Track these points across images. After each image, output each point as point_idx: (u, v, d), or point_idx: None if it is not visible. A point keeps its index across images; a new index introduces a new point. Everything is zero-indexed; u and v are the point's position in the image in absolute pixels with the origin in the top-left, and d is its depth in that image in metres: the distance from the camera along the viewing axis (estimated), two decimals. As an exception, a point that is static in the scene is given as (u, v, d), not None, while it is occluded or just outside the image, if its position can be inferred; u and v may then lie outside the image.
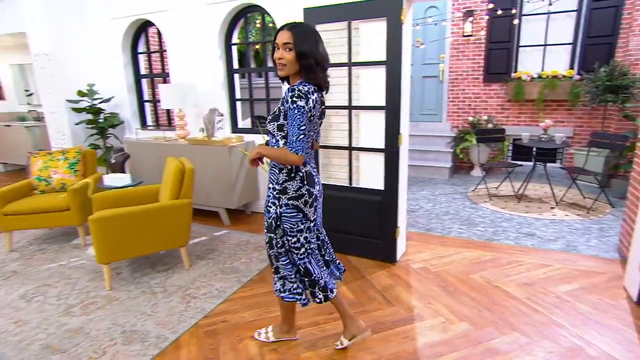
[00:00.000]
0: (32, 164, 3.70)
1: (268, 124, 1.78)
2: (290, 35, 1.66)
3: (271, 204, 1.83)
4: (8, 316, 2.46)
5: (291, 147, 1.67)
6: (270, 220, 1.83)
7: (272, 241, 1.87)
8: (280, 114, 1.72)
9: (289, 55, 1.67)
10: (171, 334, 2.21)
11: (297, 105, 1.65)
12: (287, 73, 1.73)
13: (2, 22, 5.66)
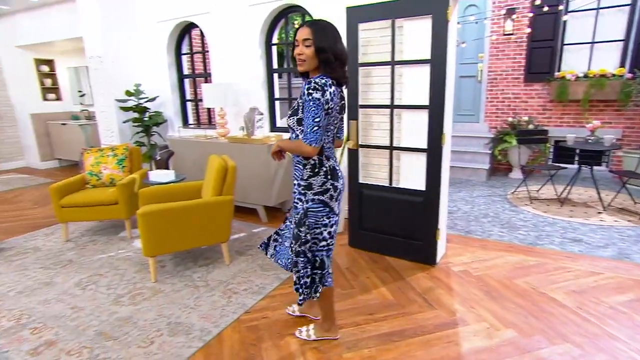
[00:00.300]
0: (85, 160, 3.90)
1: (288, 118, 1.83)
2: (309, 32, 1.70)
3: (298, 200, 1.88)
4: (66, 302, 2.61)
5: (305, 138, 1.71)
6: (299, 216, 1.88)
7: (300, 235, 1.90)
8: (299, 108, 1.76)
9: (309, 51, 1.71)
10: (214, 328, 2.27)
11: (313, 97, 1.68)
12: (306, 68, 1.76)
13: (62, 29, 6.02)
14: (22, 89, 7.32)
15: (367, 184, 3.23)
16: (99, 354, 2.07)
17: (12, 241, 3.79)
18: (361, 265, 3.07)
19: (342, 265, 3.09)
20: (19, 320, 2.42)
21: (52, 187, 3.57)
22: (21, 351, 2.12)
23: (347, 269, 3.01)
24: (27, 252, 3.49)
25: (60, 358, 2.05)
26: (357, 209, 3.29)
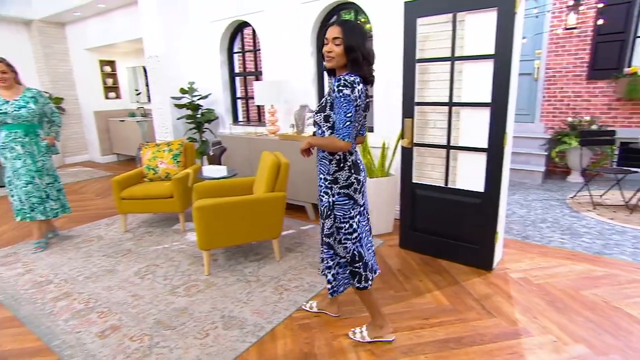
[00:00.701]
0: (143, 155, 4.08)
1: (315, 115, 1.89)
2: (339, 30, 1.75)
3: (323, 194, 1.95)
4: (127, 289, 2.74)
5: (339, 133, 1.77)
6: (323, 208, 1.96)
7: (324, 226, 2.00)
8: (327, 105, 1.82)
9: (338, 49, 1.76)
10: (267, 324, 2.29)
11: (344, 94, 1.74)
12: (334, 65, 1.82)
13: (124, 31, 6.37)
14: (88, 88, 7.83)
15: (421, 183, 3.13)
16: (158, 341, 2.15)
17: (78, 229, 4.05)
18: (413, 268, 2.99)
19: (393, 266, 3.01)
20: (87, 304, 2.57)
21: (114, 180, 3.76)
22: (90, 333, 2.25)
23: (399, 271, 2.93)
24: (92, 240, 3.71)
25: (124, 342, 2.15)
26: (409, 210, 3.20)
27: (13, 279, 2.98)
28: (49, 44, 7.36)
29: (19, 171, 3.33)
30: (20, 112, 3.25)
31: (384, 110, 3.86)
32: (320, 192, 1.96)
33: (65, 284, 2.86)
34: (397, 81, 3.60)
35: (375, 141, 3.86)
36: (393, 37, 3.60)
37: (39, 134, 3.43)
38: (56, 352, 2.10)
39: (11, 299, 2.68)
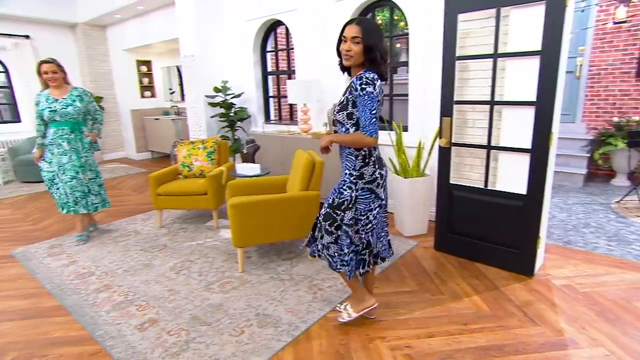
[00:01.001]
0: (178, 152, 4.16)
1: (337, 113, 1.93)
2: (359, 30, 1.79)
3: (347, 188, 1.99)
4: (164, 284, 2.80)
5: (365, 130, 1.82)
6: (342, 201, 1.99)
7: (333, 216, 2.02)
8: (349, 103, 1.86)
9: (357, 48, 1.81)
10: (301, 323, 2.27)
11: (367, 92, 1.79)
12: (352, 64, 1.86)
13: (160, 32, 6.55)
14: (125, 88, 8.10)
15: (459, 184, 3.04)
16: (195, 337, 2.17)
17: (116, 224, 4.18)
18: (449, 271, 2.90)
19: (428, 269, 2.94)
20: (126, 297, 2.64)
21: (151, 176, 3.86)
22: (130, 325, 2.30)
23: (435, 274, 2.85)
24: (129, 235, 3.82)
25: (162, 336, 2.19)
26: (446, 211, 3.12)
27: (59, 270, 3.10)
28: (92, 45, 7.66)
29: (65, 166, 3.46)
30: (68, 110, 3.39)
31: (419, 109, 3.78)
32: (342, 186, 2.01)
33: (105, 277, 2.95)
34: (434, 79, 3.53)
35: (411, 140, 3.78)
36: (430, 35, 3.52)
37: (83, 131, 3.56)
38: (99, 342, 2.16)
39: (58, 289, 2.79)
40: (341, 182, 2.02)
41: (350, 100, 1.86)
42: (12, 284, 2.93)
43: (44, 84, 3.43)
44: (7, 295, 2.76)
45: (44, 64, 3.35)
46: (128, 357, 2.03)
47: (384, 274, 2.88)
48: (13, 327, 2.36)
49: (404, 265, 3.01)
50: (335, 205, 2.02)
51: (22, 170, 6.28)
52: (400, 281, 2.77)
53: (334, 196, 2.03)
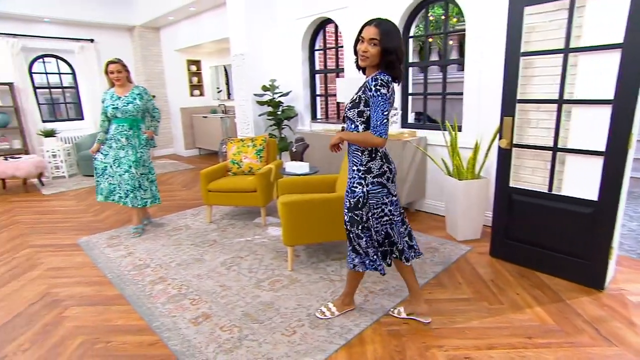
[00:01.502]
0: (228, 149, 4.24)
1: (348, 110, 1.96)
2: (377, 32, 1.81)
3: (357, 185, 2.00)
4: (215, 279, 2.85)
5: (376, 130, 1.85)
6: (356, 199, 2.00)
7: (356, 218, 2.02)
8: (361, 101, 1.90)
9: (374, 50, 1.83)
10: (354, 327, 2.22)
11: (381, 93, 1.83)
12: (368, 64, 1.89)
13: (210, 32, 6.75)
14: (176, 87, 8.43)
15: (519, 188, 2.86)
16: (247, 334, 2.18)
17: (168, 218, 4.33)
18: (507, 279, 2.74)
19: (484, 276, 2.79)
20: (180, 290, 2.71)
21: (202, 173, 3.96)
22: (185, 318, 2.36)
23: (492, 282, 2.71)
24: (180, 229, 3.94)
25: (215, 332, 2.22)
26: (504, 216, 2.95)
27: (118, 260, 3.25)
28: (147, 46, 8.03)
29: (120, 160, 3.63)
30: (128, 107, 3.56)
31: (474, 109, 3.61)
32: (352, 184, 2.02)
33: (160, 269, 3.05)
34: (492, 78, 3.36)
35: (465, 141, 3.63)
36: (489, 30, 3.35)
37: (141, 128, 3.72)
38: (157, 333, 2.23)
39: (117, 279, 2.92)
40: (350, 180, 2.04)
41: (362, 99, 1.89)
42: (79, 271, 3.10)
43: (110, 82, 3.61)
44: (75, 281, 2.93)
45: (111, 64, 3.53)
46: (184, 350, 2.07)
47: (437, 279, 2.77)
48: (81, 312, 2.49)
49: (457, 271, 2.88)
50: (353, 207, 2.02)
51: (84, 164, 6.68)
52: (454, 287, 2.65)
53: (348, 198, 2.04)
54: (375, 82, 1.84)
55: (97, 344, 2.17)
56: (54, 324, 2.37)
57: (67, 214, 4.68)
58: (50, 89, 7.65)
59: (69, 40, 7.40)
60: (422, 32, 7.10)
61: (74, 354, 2.10)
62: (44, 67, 7.51)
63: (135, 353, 2.08)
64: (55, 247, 3.63)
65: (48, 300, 2.66)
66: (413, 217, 4.07)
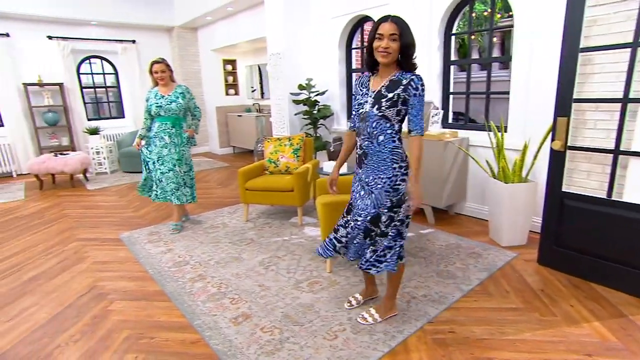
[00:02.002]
0: (265, 148, 4.25)
1: (386, 109, 1.91)
2: (396, 27, 1.82)
3: (400, 182, 1.99)
4: (254, 278, 2.85)
5: (420, 129, 1.94)
6: (400, 197, 1.98)
7: (393, 217, 2.00)
8: (399, 99, 1.89)
9: (395, 45, 1.83)
10: (397, 333, 2.15)
11: (423, 93, 1.91)
12: (390, 61, 1.87)
13: (246, 31, 6.81)
14: (212, 86, 8.58)
15: (572, 193, 2.69)
16: (288, 337, 2.16)
17: (205, 215, 4.40)
18: (559, 289, 2.58)
19: (533, 285, 2.65)
20: (219, 288, 2.73)
21: (240, 171, 3.98)
22: (225, 318, 2.36)
23: (542, 291, 2.56)
24: (217, 227, 3.98)
25: (256, 332, 2.20)
26: (554, 222, 2.79)
27: (158, 256, 3.32)
28: (184, 46, 8.22)
29: (164, 158, 3.72)
30: (171, 105, 3.63)
31: (521, 108, 3.44)
32: (394, 182, 1.98)
33: (199, 267, 3.09)
34: (542, 76, 3.19)
35: (510, 142, 3.47)
36: (541, 25, 3.17)
37: (183, 126, 3.78)
38: (198, 332, 2.24)
39: (158, 275, 2.98)
40: (387, 180, 1.98)
41: (401, 97, 1.88)
42: (122, 265, 3.19)
43: (154, 81, 3.69)
44: (119, 275, 3.01)
45: (155, 64, 3.61)
46: (225, 350, 2.07)
47: (482, 286, 2.65)
48: (125, 306, 2.55)
49: (503, 279, 2.75)
50: (395, 205, 2.00)
51: (125, 161, 6.92)
52: (501, 296, 2.52)
53: (389, 197, 1.99)
54: (422, 82, 1.89)
55: (141, 339, 2.21)
56: (101, 317, 2.44)
57: (109, 209, 4.84)
58: (95, 88, 7.98)
59: (113, 41, 7.68)
60: (464, 29, 6.89)
61: (120, 347, 2.14)
62: (90, 68, 7.83)
63: (178, 350, 2.10)
64: (100, 241, 3.76)
65: (95, 293, 2.74)
66: (453, 221, 3.94)
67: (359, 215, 2.07)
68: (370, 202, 2.02)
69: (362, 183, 2.07)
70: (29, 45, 6.95)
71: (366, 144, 2.01)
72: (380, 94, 1.92)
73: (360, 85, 2.06)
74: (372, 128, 1.96)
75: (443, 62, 4.06)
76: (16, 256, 3.44)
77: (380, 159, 1.98)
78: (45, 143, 7.20)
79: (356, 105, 2.07)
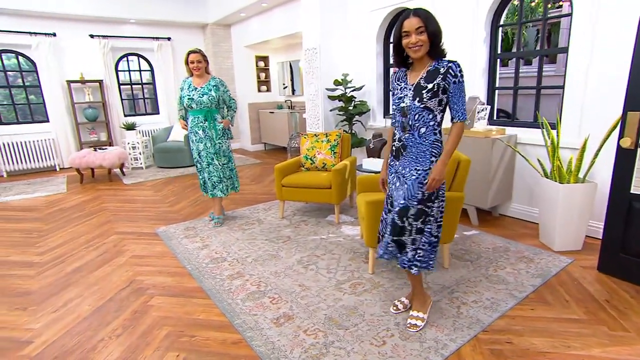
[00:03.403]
0: (302, 144, 4.17)
1: (428, 100, 1.86)
2: (419, 20, 1.79)
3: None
4: (293, 278, 2.77)
5: (465, 116, 1.91)
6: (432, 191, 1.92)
7: (428, 211, 1.96)
8: (440, 89, 1.85)
9: (423, 37, 1.81)
10: (449, 342, 2.01)
11: (463, 80, 1.88)
12: (423, 53, 1.84)
13: (279, 27, 6.76)
14: (244, 82, 8.60)
15: None
16: (333, 341, 2.06)
17: (240, 211, 4.37)
18: (627, 301, 2.36)
19: (596, 294, 2.43)
20: (259, 287, 2.66)
21: (277, 167, 3.92)
22: (266, 318, 2.29)
23: (607, 302, 2.35)
24: (253, 224, 3.94)
25: (299, 335, 2.12)
26: (619, 227, 2.56)
27: (195, 252, 3.30)
28: (217, 42, 8.26)
29: (201, 153, 3.71)
30: (203, 98, 3.60)
31: (577, 104, 3.20)
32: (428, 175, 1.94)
33: (237, 264, 3.04)
34: (605, 67, 2.95)
35: (565, 140, 3.23)
36: (603, 13, 2.93)
37: (216, 119, 3.75)
38: (239, 332, 2.17)
39: (196, 271, 2.95)
40: (423, 172, 1.93)
41: (441, 86, 1.85)
42: (160, 260, 3.18)
43: (189, 72, 3.67)
44: (157, 270, 3.00)
45: (192, 54, 3.58)
46: (268, 352, 1.99)
47: (537, 294, 2.46)
48: (165, 302, 2.53)
49: (560, 286, 2.55)
50: (426, 198, 1.95)
51: (159, 156, 7.02)
52: (561, 305, 2.33)
53: (420, 190, 1.93)
54: (460, 69, 1.86)
55: (182, 336, 2.17)
56: (141, 312, 2.42)
57: (145, 203, 4.90)
58: (132, 85, 8.15)
59: (149, 39, 7.82)
60: (510, 21, 6.57)
61: (161, 344, 2.10)
62: (128, 65, 8.00)
63: (220, 351, 2.04)
64: (137, 234, 3.78)
65: (134, 288, 2.74)
66: (497, 222, 3.73)
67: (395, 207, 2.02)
68: (402, 193, 1.97)
69: (398, 174, 2.02)
70: (72, 44, 7.16)
71: (407, 136, 1.96)
72: (420, 86, 1.88)
73: (397, 79, 2.02)
74: (414, 121, 1.92)
75: (489, 55, 3.85)
76: (60, 247, 3.51)
77: (420, 150, 1.94)
78: (85, 138, 7.42)
79: (396, 100, 1.98)
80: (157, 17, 7.52)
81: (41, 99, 7.10)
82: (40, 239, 3.74)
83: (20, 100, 7.06)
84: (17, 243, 3.66)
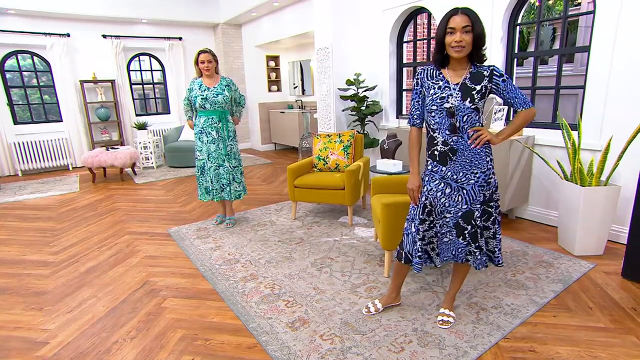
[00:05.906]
0: (314, 145, 4.13)
1: (479, 101, 1.83)
2: (467, 19, 1.75)
3: (492, 174, 1.94)
4: (307, 280, 2.73)
5: (530, 103, 1.88)
6: (491, 191, 1.94)
7: (491, 211, 1.95)
8: (487, 91, 1.84)
9: (468, 37, 1.76)
10: (470, 349, 1.96)
11: (509, 77, 1.98)
12: (464, 54, 1.80)
13: (291, 27, 6.74)
14: (255, 82, 8.59)
15: (670, 200, 2.38)
16: (350, 346, 2.01)
17: (251, 212, 4.34)
18: (653, 309, 2.28)
19: (621, 302, 2.36)
20: (273, 289, 2.63)
21: (289, 168, 3.88)
22: (281, 322, 2.25)
23: (634, 310, 2.27)
24: (265, 225, 3.91)
25: (315, 340, 2.08)
26: (645, 232, 2.48)
27: (208, 253, 3.28)
28: (228, 42, 8.27)
29: (212, 154, 3.66)
30: (217, 98, 3.56)
31: (599, 105, 3.11)
32: (488, 176, 1.92)
33: (250, 265, 3.01)
34: (629, 67, 2.86)
35: (586, 142, 3.16)
36: (628, 12, 2.84)
37: (229, 119, 3.72)
38: (254, 335, 2.14)
39: (209, 272, 2.92)
40: (482, 175, 1.90)
41: (488, 89, 1.85)
42: (172, 261, 3.17)
43: (198, 72, 3.63)
44: (170, 271, 2.98)
45: (202, 53, 3.53)
46: (284, 357, 1.95)
47: (559, 300, 2.39)
48: (178, 304, 2.51)
49: (583, 292, 2.48)
50: (488, 199, 1.94)
51: (170, 156, 7.04)
52: (585, 313, 2.26)
53: (482, 192, 1.91)
54: (501, 71, 1.86)
55: (196, 340, 2.14)
56: (155, 314, 2.40)
57: (157, 203, 4.90)
58: (143, 85, 8.19)
59: (161, 39, 7.85)
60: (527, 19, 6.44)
61: (176, 347, 2.08)
62: (139, 65, 8.04)
63: (235, 355, 2.01)
64: (149, 235, 3.78)
65: (148, 289, 2.72)
66: (513, 225, 3.65)
67: (447, 212, 1.97)
68: (462, 199, 1.92)
69: (446, 180, 1.93)
70: (85, 44, 7.22)
71: (454, 139, 1.88)
72: (467, 87, 1.83)
73: (429, 77, 1.91)
74: (462, 122, 1.85)
75: (506, 54, 3.77)
76: (74, 247, 3.52)
77: (474, 153, 1.88)
78: (97, 138, 7.47)
79: (437, 100, 1.86)
80: (168, 17, 7.55)
81: (55, 99, 7.17)
82: (54, 238, 3.75)
83: (34, 100, 7.13)
84: (32, 242, 3.68)
